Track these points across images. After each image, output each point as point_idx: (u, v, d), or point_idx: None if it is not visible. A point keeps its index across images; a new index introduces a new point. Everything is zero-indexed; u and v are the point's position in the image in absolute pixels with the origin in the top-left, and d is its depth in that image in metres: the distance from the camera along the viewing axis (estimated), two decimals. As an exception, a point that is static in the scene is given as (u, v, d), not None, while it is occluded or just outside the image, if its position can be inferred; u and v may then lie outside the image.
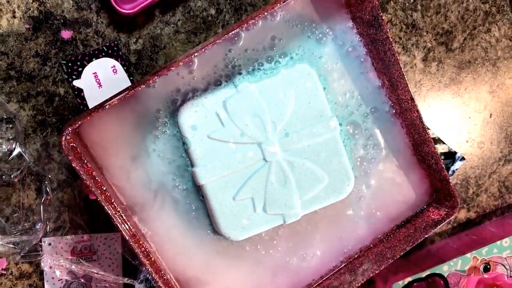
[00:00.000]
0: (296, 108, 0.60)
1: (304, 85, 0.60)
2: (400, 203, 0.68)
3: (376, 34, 0.58)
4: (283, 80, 0.60)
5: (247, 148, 0.60)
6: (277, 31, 0.61)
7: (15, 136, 0.63)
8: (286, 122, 0.60)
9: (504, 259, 0.74)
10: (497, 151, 0.80)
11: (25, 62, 0.64)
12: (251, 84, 0.59)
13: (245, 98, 0.59)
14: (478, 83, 0.77)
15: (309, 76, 0.60)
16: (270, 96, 0.59)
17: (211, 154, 0.59)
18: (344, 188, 0.62)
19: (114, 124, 0.58)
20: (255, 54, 0.61)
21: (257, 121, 0.59)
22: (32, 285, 0.67)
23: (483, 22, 0.76)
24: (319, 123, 0.60)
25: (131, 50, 0.66)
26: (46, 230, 0.65)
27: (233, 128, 0.59)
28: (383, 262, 0.62)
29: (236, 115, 0.59)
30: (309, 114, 0.60)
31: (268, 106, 0.59)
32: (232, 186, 0.60)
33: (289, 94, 0.60)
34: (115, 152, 0.58)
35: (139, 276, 0.67)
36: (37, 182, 0.65)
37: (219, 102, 0.59)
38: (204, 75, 0.60)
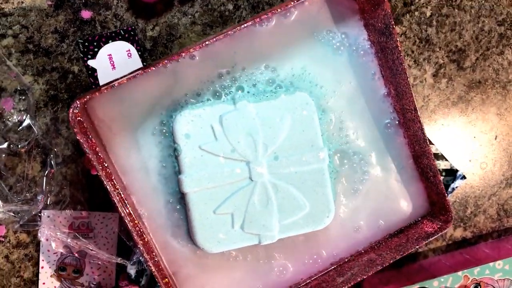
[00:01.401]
0: (289, 133, 0.61)
1: (301, 113, 0.61)
2: (397, 214, 0.68)
3: (386, 42, 0.59)
4: (282, 105, 0.61)
5: (235, 164, 0.61)
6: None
7: (27, 108, 0.65)
8: (278, 146, 0.61)
9: (496, 281, 0.74)
10: (499, 174, 0.80)
11: (44, 37, 0.65)
12: (250, 104, 0.61)
13: (242, 116, 0.60)
14: (486, 104, 0.78)
15: (307, 105, 0.62)
16: (267, 118, 0.61)
17: (199, 165, 0.61)
18: (323, 219, 0.64)
19: (122, 105, 0.60)
20: (258, 74, 0.63)
21: (249, 140, 0.61)
22: (27, 255, 0.68)
23: (497, 44, 0.77)
24: (310, 152, 0.62)
25: (147, 36, 0.67)
26: (46, 202, 0.66)
27: (225, 143, 0.60)
28: (372, 269, 0.63)
29: (230, 131, 0.60)
30: (301, 142, 0.62)
31: (262, 127, 0.61)
32: (215, 199, 0.61)
33: (285, 119, 0.61)
34: (119, 132, 0.60)
35: (132, 257, 0.68)
36: (43, 155, 0.67)
37: (216, 115, 0.60)
38: (207, 84, 0.62)
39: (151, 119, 0.61)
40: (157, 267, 0.57)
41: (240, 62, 0.62)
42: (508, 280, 0.75)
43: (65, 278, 0.69)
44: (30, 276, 0.69)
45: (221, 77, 0.62)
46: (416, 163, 0.66)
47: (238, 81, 0.62)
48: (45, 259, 0.68)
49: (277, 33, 0.62)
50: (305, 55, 0.63)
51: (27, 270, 0.69)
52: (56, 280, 0.69)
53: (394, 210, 0.68)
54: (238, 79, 0.62)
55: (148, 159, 0.61)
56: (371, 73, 0.65)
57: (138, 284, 0.69)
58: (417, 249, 0.78)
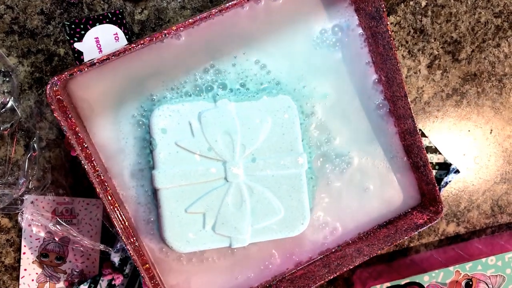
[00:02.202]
0: (269, 136, 0.60)
1: (282, 116, 0.60)
2: (387, 204, 0.67)
3: (377, 26, 0.58)
4: (263, 107, 0.60)
5: (211, 163, 0.60)
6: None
7: (11, 90, 0.64)
8: (256, 147, 0.60)
9: (488, 277, 0.73)
10: (494, 169, 0.78)
11: (29, 18, 0.64)
12: (231, 103, 0.60)
13: (221, 115, 0.59)
14: (482, 97, 0.76)
15: (289, 108, 0.61)
16: (247, 118, 0.60)
17: (174, 161, 0.59)
18: (297, 226, 0.62)
19: (104, 86, 0.58)
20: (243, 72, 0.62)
21: (227, 140, 0.59)
22: (9, 240, 0.67)
23: (493, 36, 0.76)
24: (288, 156, 0.61)
25: (135, 20, 0.66)
26: (28, 186, 0.65)
27: (202, 141, 0.59)
28: (359, 259, 0.61)
29: (209, 129, 0.59)
30: (280, 145, 0.61)
31: (242, 127, 0.59)
32: (187, 198, 0.60)
33: (265, 121, 0.60)
34: (101, 114, 0.58)
35: (115, 245, 0.67)
36: (27, 138, 0.65)
37: (195, 112, 0.59)
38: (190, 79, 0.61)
39: (132, 102, 0.60)
40: (137, 253, 0.56)
41: (226, 55, 0.61)
42: (500, 277, 0.73)
43: (47, 264, 0.68)
44: (12, 262, 0.68)
45: (205, 70, 0.61)
46: (407, 153, 0.65)
47: (221, 76, 0.61)
48: (27, 245, 0.67)
49: (265, 21, 0.61)
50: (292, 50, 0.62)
51: (8, 255, 0.67)
52: (38, 266, 0.68)
53: (384, 200, 0.67)
54: (222, 74, 0.61)
55: (129, 142, 0.60)
56: (365, 61, 0.63)
57: (122, 272, 0.68)
58: (408, 243, 0.77)
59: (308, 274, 0.62)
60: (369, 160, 0.66)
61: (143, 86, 0.60)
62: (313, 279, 0.61)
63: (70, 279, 0.68)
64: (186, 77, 0.61)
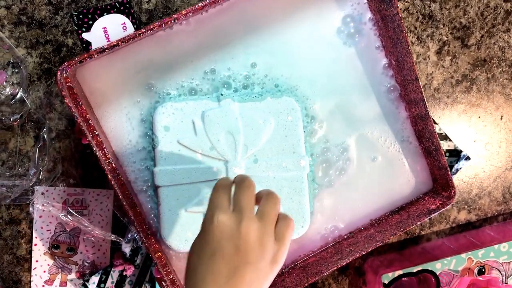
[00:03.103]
0: (272, 137, 0.60)
1: (286, 118, 0.60)
2: (399, 190, 0.66)
3: (386, 10, 0.57)
4: (267, 108, 0.60)
5: (213, 163, 0.60)
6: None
7: (20, 81, 0.64)
8: (259, 148, 0.60)
9: (501, 264, 0.72)
10: (505, 155, 0.78)
11: (38, 9, 0.64)
12: (234, 103, 0.60)
13: (225, 115, 0.59)
14: (491, 83, 0.76)
15: (293, 111, 0.61)
16: (250, 119, 0.60)
17: (175, 159, 0.59)
18: (297, 229, 0.62)
19: (114, 74, 0.58)
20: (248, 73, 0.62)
21: (230, 140, 0.59)
22: (20, 231, 0.67)
23: (502, 21, 0.75)
24: (290, 158, 0.61)
25: (143, 9, 0.66)
26: (39, 177, 0.65)
27: (205, 140, 0.59)
28: (372, 245, 0.61)
29: (212, 128, 0.59)
30: (283, 147, 0.60)
31: (245, 128, 0.59)
32: (188, 197, 0.60)
33: (268, 122, 0.60)
34: (111, 102, 0.58)
35: (127, 235, 0.67)
36: (36, 129, 0.65)
37: (199, 111, 0.59)
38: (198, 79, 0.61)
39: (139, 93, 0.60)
40: (149, 240, 0.56)
41: (232, 52, 0.61)
42: (513, 263, 0.73)
43: (58, 256, 0.68)
44: (23, 253, 0.68)
45: (211, 70, 0.61)
46: (418, 138, 0.64)
47: (225, 75, 0.61)
48: (38, 237, 0.67)
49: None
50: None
51: (20, 247, 0.67)
52: (50, 258, 0.68)
53: (396, 186, 0.66)
54: (227, 72, 0.61)
55: (139, 130, 0.60)
56: (375, 46, 0.63)
57: (133, 263, 0.68)
58: (419, 231, 0.76)
59: (320, 261, 0.62)
60: (380, 145, 0.65)
61: (150, 77, 0.60)
62: (325, 265, 0.61)
63: (81, 270, 0.68)
64: (193, 74, 0.61)
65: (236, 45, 0.60)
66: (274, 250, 0.45)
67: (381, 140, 0.65)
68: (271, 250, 0.44)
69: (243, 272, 0.43)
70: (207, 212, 0.46)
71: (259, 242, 0.44)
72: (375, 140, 0.65)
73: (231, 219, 0.44)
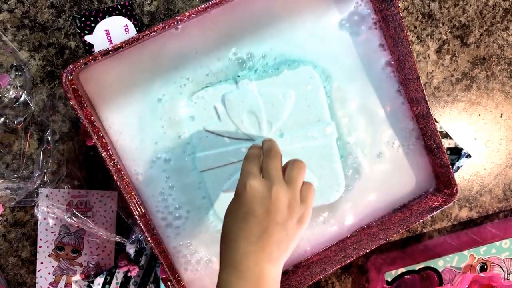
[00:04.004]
0: (294, 110, 0.61)
1: (305, 88, 0.60)
2: (402, 188, 0.67)
3: (387, 9, 0.58)
4: (284, 81, 0.60)
5: (240, 144, 0.61)
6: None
7: (23, 84, 0.64)
8: (282, 123, 0.60)
9: (502, 261, 0.73)
10: (505, 153, 0.78)
11: (40, 12, 0.65)
12: (252, 82, 0.60)
13: (244, 95, 0.59)
14: (491, 81, 0.76)
15: (312, 79, 0.61)
16: (269, 95, 0.60)
17: (206, 145, 0.61)
18: (332, 194, 0.63)
19: (118, 76, 0.59)
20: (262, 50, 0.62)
21: (253, 119, 0.60)
22: (25, 234, 0.67)
23: (501, 20, 0.76)
24: (316, 127, 0.61)
25: (145, 11, 0.66)
26: (43, 179, 0.65)
27: (229, 123, 0.60)
28: (375, 243, 0.61)
29: (233, 110, 0.59)
30: (306, 117, 0.61)
31: (265, 105, 0.60)
32: (223, 178, 0.61)
33: (288, 96, 0.60)
34: (115, 104, 0.59)
35: (131, 236, 0.67)
36: (40, 132, 0.66)
37: (218, 96, 0.60)
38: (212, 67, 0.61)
39: (152, 89, 0.60)
40: (155, 241, 0.56)
41: (243, 36, 0.61)
42: (515, 260, 0.73)
43: (63, 257, 0.68)
44: (28, 255, 0.68)
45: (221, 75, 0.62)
46: (420, 136, 0.65)
47: (240, 57, 0.61)
48: (43, 239, 0.67)
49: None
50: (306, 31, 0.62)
51: (25, 249, 0.68)
52: (54, 259, 0.68)
53: (400, 185, 0.67)
54: (240, 54, 0.61)
55: (145, 131, 0.61)
56: (376, 44, 0.63)
57: (138, 264, 0.68)
58: (421, 229, 0.77)
59: (324, 259, 0.63)
60: (383, 145, 0.66)
61: (157, 75, 0.60)
62: (329, 263, 0.61)
63: (86, 272, 0.69)
64: (204, 63, 0.61)
65: (245, 37, 0.61)
66: (300, 211, 0.49)
67: (385, 138, 0.66)
68: (298, 211, 0.49)
69: (272, 232, 0.47)
70: (239, 179, 0.51)
71: (287, 205, 0.48)
72: (379, 139, 0.66)
73: (262, 185, 0.49)
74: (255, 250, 0.47)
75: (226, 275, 0.47)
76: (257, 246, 0.47)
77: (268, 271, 0.47)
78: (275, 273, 0.48)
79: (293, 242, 0.49)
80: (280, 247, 0.48)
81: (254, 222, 0.47)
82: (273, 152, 0.52)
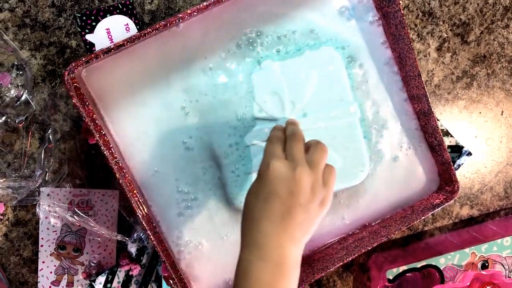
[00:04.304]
0: (317, 90, 0.60)
1: (327, 68, 0.60)
2: (408, 189, 0.67)
3: (388, 6, 0.58)
4: (307, 61, 0.60)
5: (263, 124, 0.60)
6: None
7: (24, 83, 0.64)
8: (305, 103, 0.60)
9: (504, 258, 0.73)
10: (506, 150, 0.78)
11: (41, 11, 0.65)
12: (275, 62, 0.60)
13: (267, 75, 0.59)
14: (491, 79, 0.76)
15: (334, 59, 0.61)
16: (292, 76, 0.60)
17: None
18: (357, 174, 0.62)
19: (122, 74, 0.59)
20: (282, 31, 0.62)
21: (276, 99, 0.60)
22: (27, 233, 0.67)
23: (502, 17, 0.76)
24: (339, 107, 0.61)
25: (146, 10, 0.66)
26: (45, 178, 0.65)
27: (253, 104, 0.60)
28: (377, 240, 0.61)
29: (256, 91, 0.60)
30: (329, 97, 0.61)
31: (288, 85, 0.60)
32: (247, 158, 0.61)
33: (311, 76, 0.60)
34: (118, 102, 0.59)
35: (132, 235, 0.67)
36: (41, 131, 0.66)
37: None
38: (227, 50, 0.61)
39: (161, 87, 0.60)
40: (157, 239, 0.56)
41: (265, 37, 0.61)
42: (516, 257, 0.73)
43: (64, 256, 0.68)
44: (30, 254, 0.68)
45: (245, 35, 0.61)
46: (423, 135, 0.65)
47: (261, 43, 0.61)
48: (44, 238, 0.67)
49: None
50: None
51: (27, 248, 0.68)
52: (56, 259, 0.68)
53: (406, 183, 0.67)
54: (261, 37, 0.61)
55: (148, 129, 0.61)
56: (379, 41, 0.64)
57: (139, 263, 0.68)
58: (422, 227, 0.77)
59: (326, 257, 0.63)
60: (389, 144, 0.66)
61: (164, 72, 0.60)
62: (331, 261, 0.61)
63: (87, 271, 0.69)
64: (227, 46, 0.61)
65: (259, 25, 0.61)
66: (322, 194, 0.49)
67: (389, 137, 0.66)
68: (320, 194, 0.49)
69: (295, 213, 0.47)
70: (263, 160, 0.51)
71: (310, 187, 0.48)
72: (383, 137, 0.66)
73: (285, 166, 0.48)
74: (278, 230, 0.47)
75: (247, 255, 0.47)
76: (280, 226, 0.47)
77: (290, 252, 0.47)
78: (296, 254, 0.48)
79: (314, 224, 0.50)
80: (302, 228, 0.48)
81: (278, 203, 0.47)
82: (297, 135, 0.52)
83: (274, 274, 0.46)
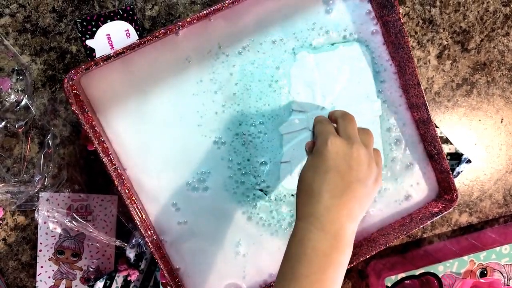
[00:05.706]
0: (346, 84, 0.62)
1: (358, 65, 0.62)
2: (408, 198, 0.67)
3: (388, 15, 0.58)
4: (340, 56, 0.61)
5: (295, 115, 0.61)
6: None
7: (24, 88, 0.64)
8: (336, 96, 0.61)
9: (502, 266, 0.73)
10: (505, 158, 0.78)
11: (42, 16, 0.65)
12: (310, 55, 0.60)
13: (301, 67, 0.60)
14: (491, 87, 0.76)
15: (363, 57, 0.62)
16: (325, 69, 0.61)
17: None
18: None
19: (120, 82, 0.59)
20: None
21: (308, 92, 0.61)
22: (25, 237, 0.67)
23: (502, 25, 0.76)
24: (364, 103, 0.62)
25: (146, 16, 0.67)
26: (44, 183, 0.65)
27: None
28: (375, 248, 0.61)
29: (293, 83, 0.60)
30: (357, 92, 0.62)
31: (321, 78, 0.61)
32: (278, 150, 0.62)
33: (343, 70, 0.61)
34: (118, 109, 0.59)
35: (131, 240, 0.67)
36: (41, 136, 0.66)
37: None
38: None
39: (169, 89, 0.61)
40: (155, 246, 0.56)
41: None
42: (515, 265, 0.73)
43: (63, 261, 0.68)
44: (28, 259, 0.68)
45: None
46: (422, 143, 0.65)
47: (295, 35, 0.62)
48: (43, 242, 0.67)
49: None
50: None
51: (25, 253, 0.68)
52: (54, 263, 0.68)
53: (406, 192, 0.67)
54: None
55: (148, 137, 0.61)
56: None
57: (138, 268, 0.68)
58: (421, 234, 0.77)
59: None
60: (389, 151, 0.66)
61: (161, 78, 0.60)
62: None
63: (86, 276, 0.69)
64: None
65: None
66: (376, 172, 0.52)
67: (388, 144, 0.66)
68: (375, 172, 0.51)
69: (355, 188, 0.49)
70: (318, 138, 0.52)
71: (367, 164, 0.50)
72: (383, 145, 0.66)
73: (343, 142, 0.50)
74: (338, 204, 0.48)
75: (306, 224, 0.48)
76: (340, 200, 0.48)
77: (347, 227, 0.48)
78: (352, 231, 0.49)
79: (370, 201, 0.51)
80: (361, 203, 0.49)
81: (338, 177, 0.48)
82: (350, 116, 0.54)
83: (331, 246, 0.47)
